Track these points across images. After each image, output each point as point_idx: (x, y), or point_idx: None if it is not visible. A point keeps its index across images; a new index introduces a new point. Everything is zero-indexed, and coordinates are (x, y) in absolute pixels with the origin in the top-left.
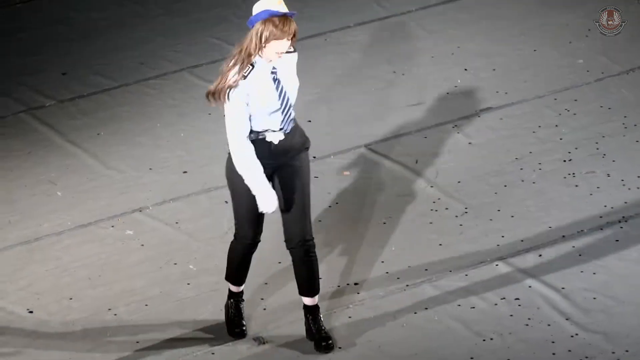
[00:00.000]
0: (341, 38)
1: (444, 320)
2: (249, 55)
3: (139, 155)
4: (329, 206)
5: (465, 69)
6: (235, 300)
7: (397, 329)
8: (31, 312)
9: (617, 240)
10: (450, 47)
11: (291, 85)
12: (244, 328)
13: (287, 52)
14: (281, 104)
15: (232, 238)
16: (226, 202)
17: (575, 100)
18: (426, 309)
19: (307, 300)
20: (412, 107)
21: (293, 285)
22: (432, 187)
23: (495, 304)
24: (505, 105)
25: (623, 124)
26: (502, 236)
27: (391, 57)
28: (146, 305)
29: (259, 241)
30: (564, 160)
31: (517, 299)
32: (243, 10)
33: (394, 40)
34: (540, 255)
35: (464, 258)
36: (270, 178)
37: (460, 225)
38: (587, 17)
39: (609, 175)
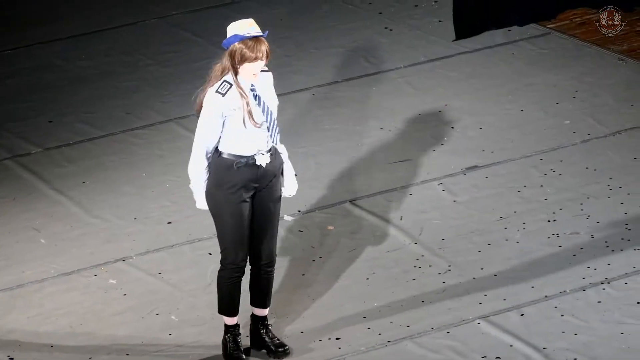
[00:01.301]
0: (329, 93)
1: None
2: (225, 75)
3: (124, 204)
4: (313, 260)
5: (452, 127)
6: (232, 334)
7: None
8: (12, 359)
9: (599, 302)
10: (438, 104)
11: (270, 102)
12: None
13: (262, 71)
14: (266, 119)
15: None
16: (210, 253)
17: (561, 160)
18: None
19: (259, 312)
20: (398, 163)
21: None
22: (416, 243)
23: None
24: (491, 164)
25: (608, 185)
26: (485, 295)
27: (378, 113)
28: (127, 354)
29: (245, 265)
30: (549, 221)
31: (499, 357)
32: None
33: (382, 96)
34: (522, 315)
35: (447, 315)
36: (251, 198)
37: (443, 282)
38: (575, 78)
39: (592, 236)
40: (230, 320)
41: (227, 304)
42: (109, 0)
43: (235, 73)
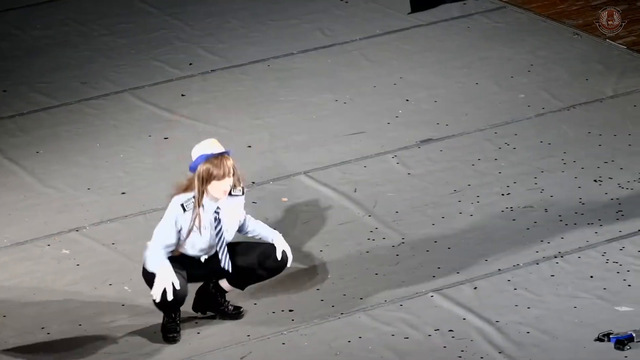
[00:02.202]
0: (284, 65)
1: (378, 349)
2: (196, 194)
3: (77, 174)
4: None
5: (407, 100)
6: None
7: (330, 357)
8: None
9: (552, 275)
10: (393, 77)
11: (232, 224)
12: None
13: (235, 195)
14: (217, 244)
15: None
16: None
17: (516, 134)
18: (360, 338)
19: (227, 286)
20: (353, 135)
21: None
22: (370, 216)
23: (429, 335)
24: (445, 137)
25: (562, 159)
26: (438, 267)
27: (333, 85)
28: (80, 325)
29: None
30: (503, 194)
31: (451, 330)
32: (187, 33)
33: (337, 68)
34: (475, 288)
35: (400, 288)
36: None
37: (397, 255)
38: (530, 52)
39: (546, 210)
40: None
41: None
42: None
43: (202, 194)
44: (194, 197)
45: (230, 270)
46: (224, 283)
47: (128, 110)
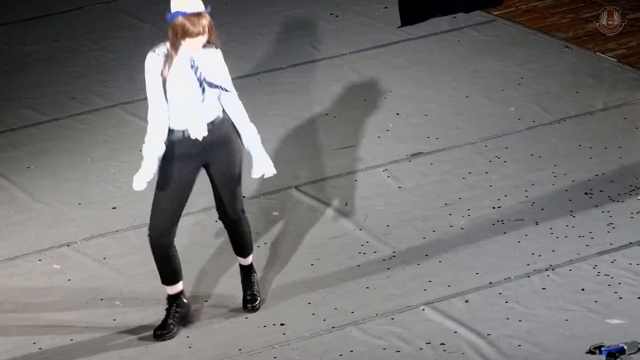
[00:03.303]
0: (274, 79)
1: None
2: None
3: (68, 189)
4: (257, 246)
5: (397, 114)
6: (169, 305)
7: None
8: None
9: (543, 288)
10: (383, 91)
11: (211, 72)
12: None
13: (207, 47)
14: (201, 90)
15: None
16: None
17: (506, 147)
18: (352, 351)
19: (241, 260)
20: (343, 149)
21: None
22: (360, 230)
23: (421, 349)
24: (435, 150)
25: (553, 172)
26: (429, 281)
27: (323, 99)
28: (71, 340)
29: (167, 241)
30: (493, 207)
31: (443, 344)
32: None
33: (327, 82)
34: (466, 301)
35: (391, 302)
36: (205, 168)
37: (388, 269)
38: (520, 65)
39: (537, 223)
40: (170, 289)
41: (161, 271)
42: None
43: (176, 47)
44: (162, 45)
45: (213, 123)
46: (239, 259)
47: (118, 125)
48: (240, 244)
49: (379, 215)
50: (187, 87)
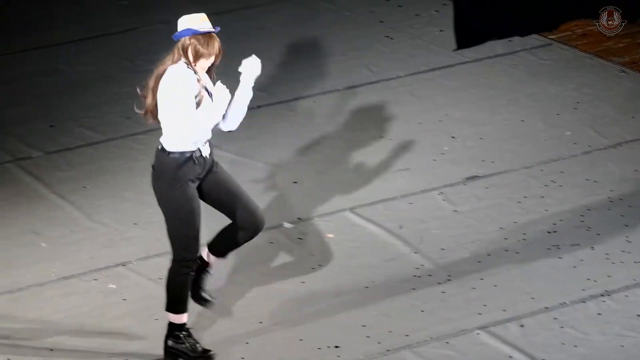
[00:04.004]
0: (330, 101)
1: None
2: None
3: (124, 209)
4: (312, 268)
5: (453, 137)
6: (187, 331)
7: None
8: None
9: (599, 314)
10: (439, 114)
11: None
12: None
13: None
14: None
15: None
16: None
17: (562, 172)
18: None
19: (215, 261)
20: (399, 172)
21: None
22: (415, 253)
23: None
24: (491, 174)
25: (609, 197)
26: (485, 305)
27: (379, 121)
28: (126, 359)
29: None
30: (549, 232)
31: None
32: (233, 69)
33: (383, 105)
34: (522, 326)
35: (446, 325)
36: (200, 189)
37: (443, 292)
38: (576, 89)
39: (592, 248)
40: (184, 318)
41: (185, 300)
42: (110, 5)
43: (194, 68)
44: (185, 63)
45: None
46: (214, 259)
47: None
48: (239, 246)
49: (434, 238)
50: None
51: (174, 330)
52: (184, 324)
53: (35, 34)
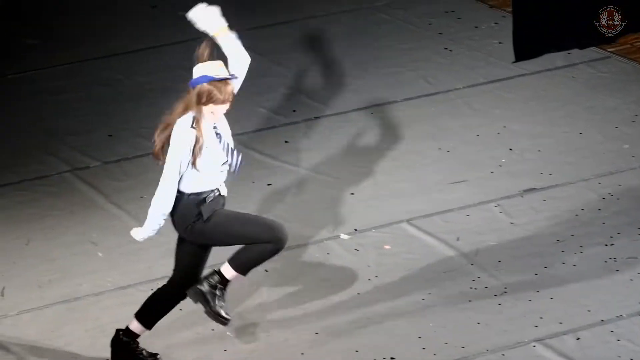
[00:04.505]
0: (387, 112)
1: None
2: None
3: None
4: (368, 279)
5: (510, 149)
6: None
7: None
8: None
9: None
10: (496, 126)
11: (228, 137)
12: None
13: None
14: (227, 156)
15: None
16: (266, 270)
17: (619, 185)
18: None
19: (228, 273)
20: (456, 184)
21: None
22: (472, 265)
23: None
24: (548, 186)
25: None
26: (541, 317)
27: (437, 133)
28: None
29: None
30: (606, 245)
31: None
32: (291, 80)
33: (440, 116)
34: (578, 339)
35: (502, 337)
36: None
37: (499, 304)
38: (635, 102)
39: None
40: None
41: (158, 318)
42: (168, 16)
43: (201, 115)
44: (193, 116)
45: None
46: (227, 270)
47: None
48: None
49: (490, 250)
50: (217, 155)
51: (134, 336)
52: (138, 335)
53: (93, 44)
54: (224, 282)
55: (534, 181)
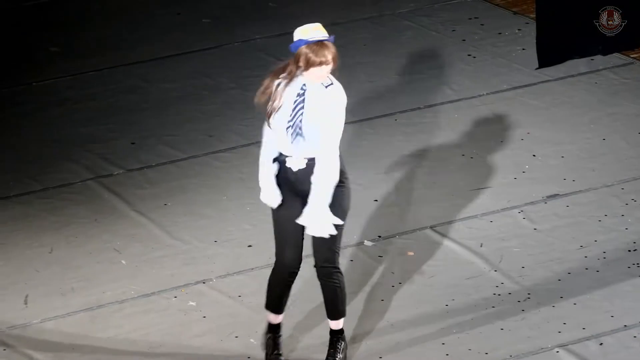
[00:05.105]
0: (411, 119)
1: None
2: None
3: (204, 227)
4: (392, 286)
5: (534, 155)
6: (273, 335)
7: None
8: None
9: None
10: (520, 132)
11: (314, 115)
12: None
13: (328, 85)
14: (289, 122)
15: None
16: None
17: None
18: None
19: (330, 324)
20: (479, 190)
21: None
22: (495, 271)
23: None
24: (572, 192)
25: None
26: (564, 323)
27: (460, 139)
28: None
29: (292, 268)
30: (629, 250)
31: None
32: None
33: (464, 123)
34: (601, 344)
35: (525, 343)
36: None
37: (523, 310)
38: None
39: None
40: (274, 318)
41: (273, 301)
42: (192, 23)
43: (292, 75)
44: (289, 72)
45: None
46: (329, 322)
47: (255, 164)
48: (330, 300)
49: (514, 256)
50: (284, 117)
51: (267, 327)
52: (272, 326)
53: (116, 51)
54: None
55: (557, 187)
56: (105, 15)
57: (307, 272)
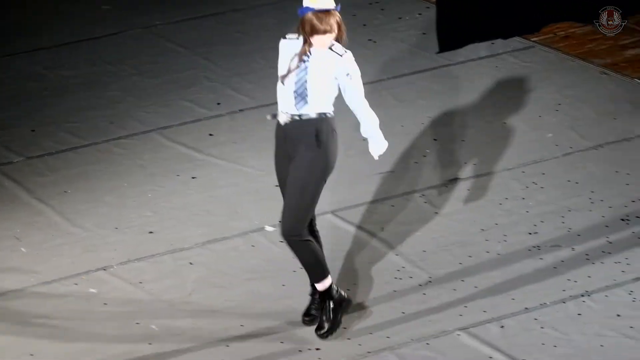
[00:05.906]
0: None
1: None
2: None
3: (105, 214)
4: (294, 270)
5: (435, 139)
6: (311, 298)
7: None
8: None
9: (579, 314)
10: (421, 116)
11: (320, 78)
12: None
13: (335, 51)
14: (295, 85)
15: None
16: (191, 263)
17: (543, 173)
18: None
19: (316, 286)
20: (380, 175)
21: None
22: (397, 255)
23: None
24: (472, 176)
25: (590, 198)
26: (465, 306)
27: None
28: None
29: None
30: (530, 233)
31: None
32: (215, 73)
33: None
34: (502, 327)
35: (426, 327)
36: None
37: (424, 294)
38: (558, 91)
39: (573, 249)
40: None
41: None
42: (93, 10)
43: (306, 41)
44: (298, 36)
45: (296, 116)
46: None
47: (156, 150)
48: (305, 265)
49: (415, 240)
50: (289, 80)
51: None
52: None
53: (17, 38)
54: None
55: (458, 171)
56: (5, 2)
57: None
